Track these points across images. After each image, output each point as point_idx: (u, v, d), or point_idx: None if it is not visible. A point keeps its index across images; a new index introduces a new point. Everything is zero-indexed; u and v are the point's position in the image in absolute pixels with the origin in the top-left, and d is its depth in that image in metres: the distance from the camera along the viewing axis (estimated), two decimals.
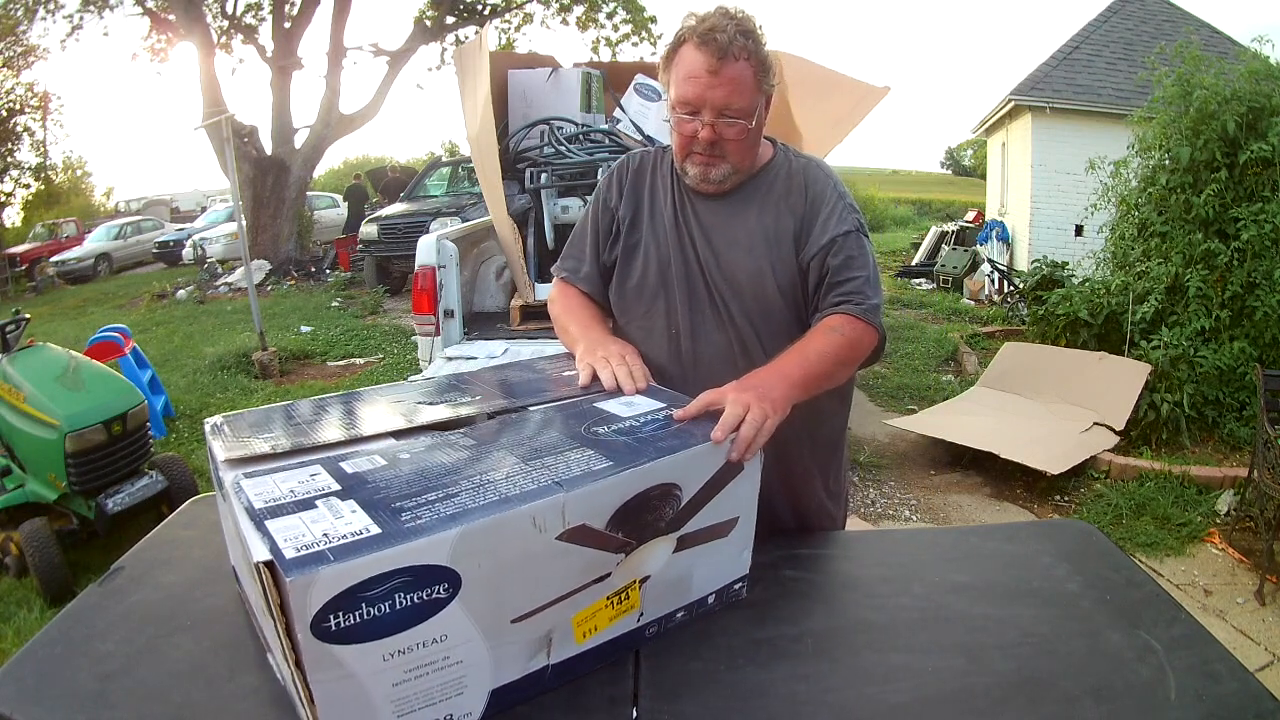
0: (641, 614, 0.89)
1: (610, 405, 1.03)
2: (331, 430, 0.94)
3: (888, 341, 1.34)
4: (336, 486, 0.78)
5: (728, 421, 0.95)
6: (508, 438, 0.92)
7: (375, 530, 0.69)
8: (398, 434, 0.93)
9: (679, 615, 0.95)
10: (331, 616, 0.65)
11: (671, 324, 1.35)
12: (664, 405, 1.04)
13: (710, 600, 0.98)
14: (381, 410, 1.02)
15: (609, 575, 0.84)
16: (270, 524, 0.70)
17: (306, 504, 0.74)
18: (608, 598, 0.84)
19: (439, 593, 0.70)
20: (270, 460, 0.85)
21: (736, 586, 1.01)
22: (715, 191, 1.34)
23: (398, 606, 0.68)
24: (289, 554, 0.65)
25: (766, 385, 1.06)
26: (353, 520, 0.71)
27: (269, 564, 0.65)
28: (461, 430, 0.94)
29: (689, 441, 0.90)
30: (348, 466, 0.83)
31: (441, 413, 0.99)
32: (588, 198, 3.71)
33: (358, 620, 0.66)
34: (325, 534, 0.68)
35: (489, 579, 0.73)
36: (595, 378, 1.15)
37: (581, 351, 1.22)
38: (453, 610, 0.71)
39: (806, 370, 1.15)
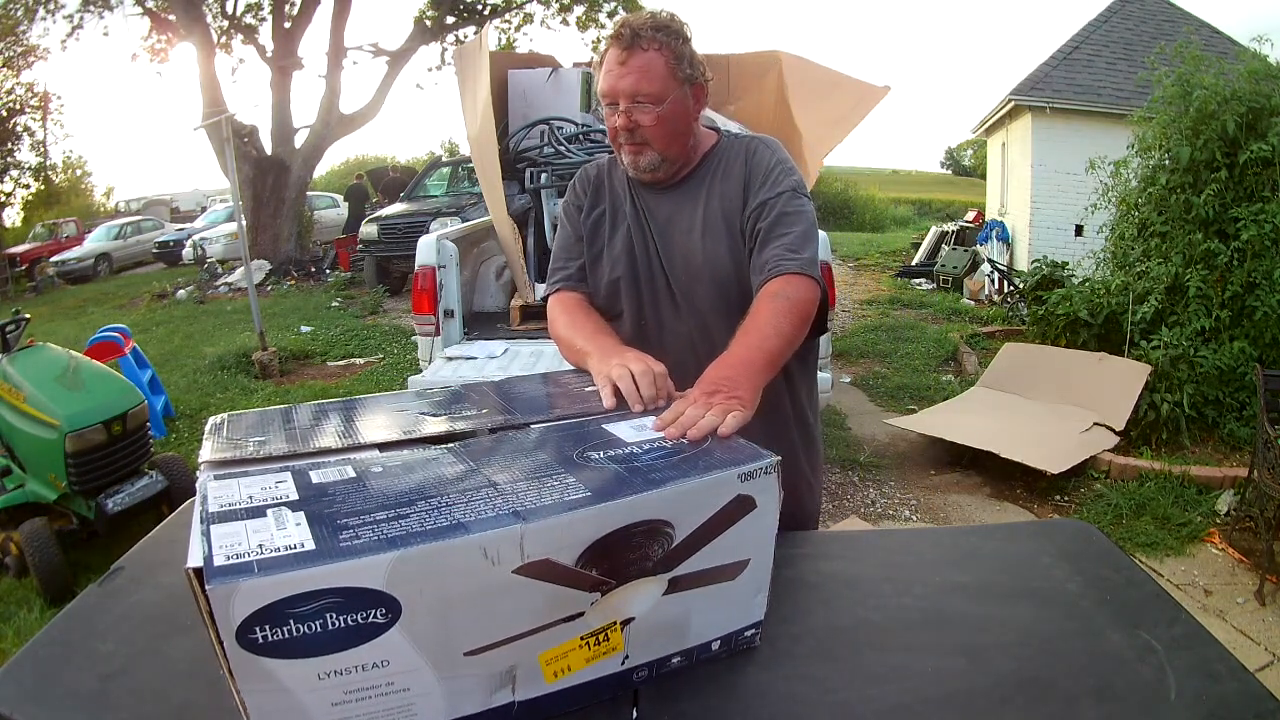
0: (627, 656, 0.82)
1: (619, 428, 0.95)
2: (324, 438, 0.92)
3: (829, 299, 1.38)
4: (294, 496, 0.75)
5: (684, 421, 0.92)
6: (495, 458, 0.86)
7: (309, 546, 0.66)
8: (385, 445, 0.90)
9: (674, 660, 0.86)
10: (258, 629, 0.62)
11: (640, 318, 1.40)
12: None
13: (715, 647, 0.89)
14: (380, 420, 1.00)
15: (582, 614, 0.77)
16: (214, 529, 0.68)
17: (257, 512, 0.72)
18: (582, 637, 0.78)
19: (376, 617, 0.66)
20: (245, 465, 0.84)
21: (748, 634, 0.91)
22: (650, 180, 1.38)
23: (330, 627, 0.64)
24: (218, 561, 0.63)
25: (732, 382, 1.02)
26: (293, 533, 0.68)
27: (197, 570, 0.63)
28: (452, 445, 0.90)
29: (687, 474, 0.81)
30: (316, 476, 0.80)
31: (440, 425, 0.96)
32: None
33: (286, 636, 0.63)
34: (260, 544, 0.66)
35: (434, 608, 0.68)
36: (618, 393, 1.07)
37: (596, 365, 1.15)
38: (393, 636, 0.67)
39: (766, 350, 1.12)
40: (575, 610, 0.76)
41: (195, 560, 0.64)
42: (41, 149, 19.01)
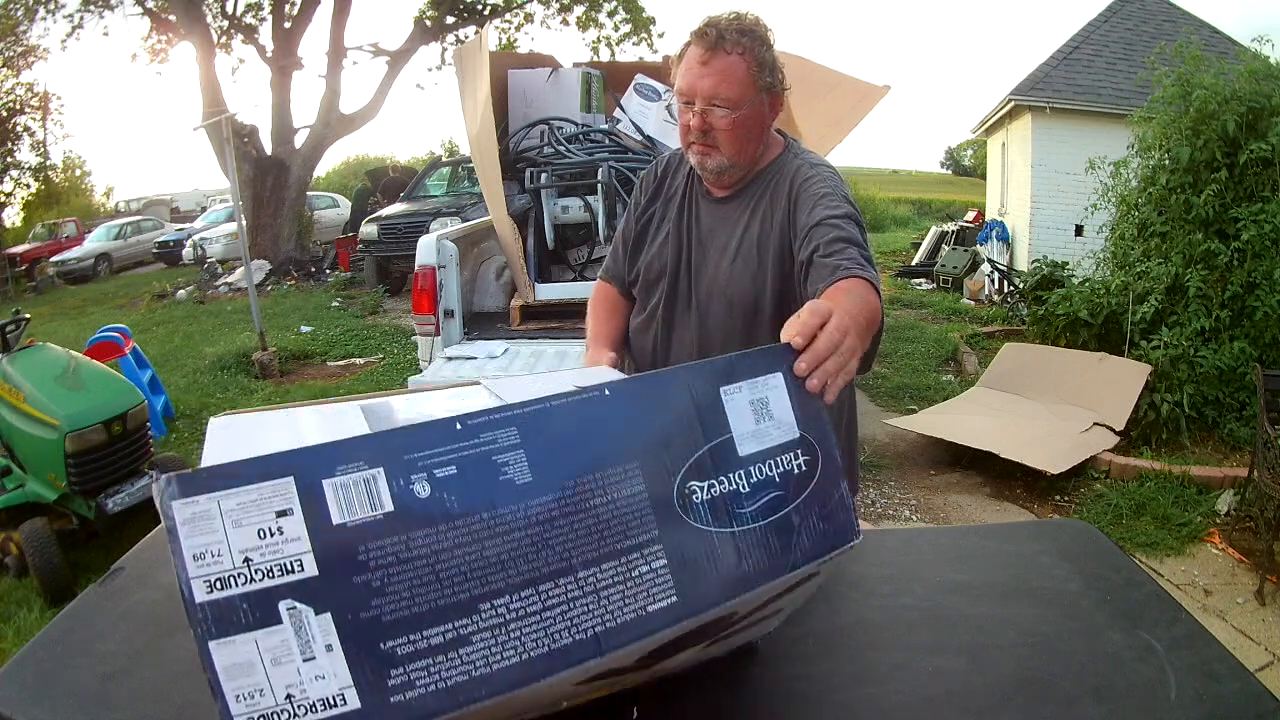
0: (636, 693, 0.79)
1: (739, 420, 0.69)
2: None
3: (883, 331, 1.22)
4: (312, 569, 0.54)
5: (826, 370, 0.72)
6: (575, 500, 0.62)
7: (352, 703, 0.52)
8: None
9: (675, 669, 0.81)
10: None
11: (653, 318, 1.44)
12: (795, 432, 0.71)
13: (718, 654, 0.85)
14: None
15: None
16: (216, 651, 0.52)
17: (265, 608, 0.53)
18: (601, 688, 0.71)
19: None
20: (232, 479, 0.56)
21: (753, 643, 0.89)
22: (717, 184, 1.39)
23: None
24: None
25: (851, 331, 0.78)
26: (325, 668, 0.53)
27: None
28: (510, 427, 0.62)
29: (780, 564, 0.66)
30: (334, 502, 0.56)
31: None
32: (588, 197, 3.72)
33: None
34: (288, 693, 0.52)
35: None
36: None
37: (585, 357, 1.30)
38: None
39: (861, 313, 1.00)
40: (610, 688, 0.71)
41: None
42: (41, 149, 18.99)
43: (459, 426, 0.61)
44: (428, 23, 13.23)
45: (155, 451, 3.52)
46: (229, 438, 0.93)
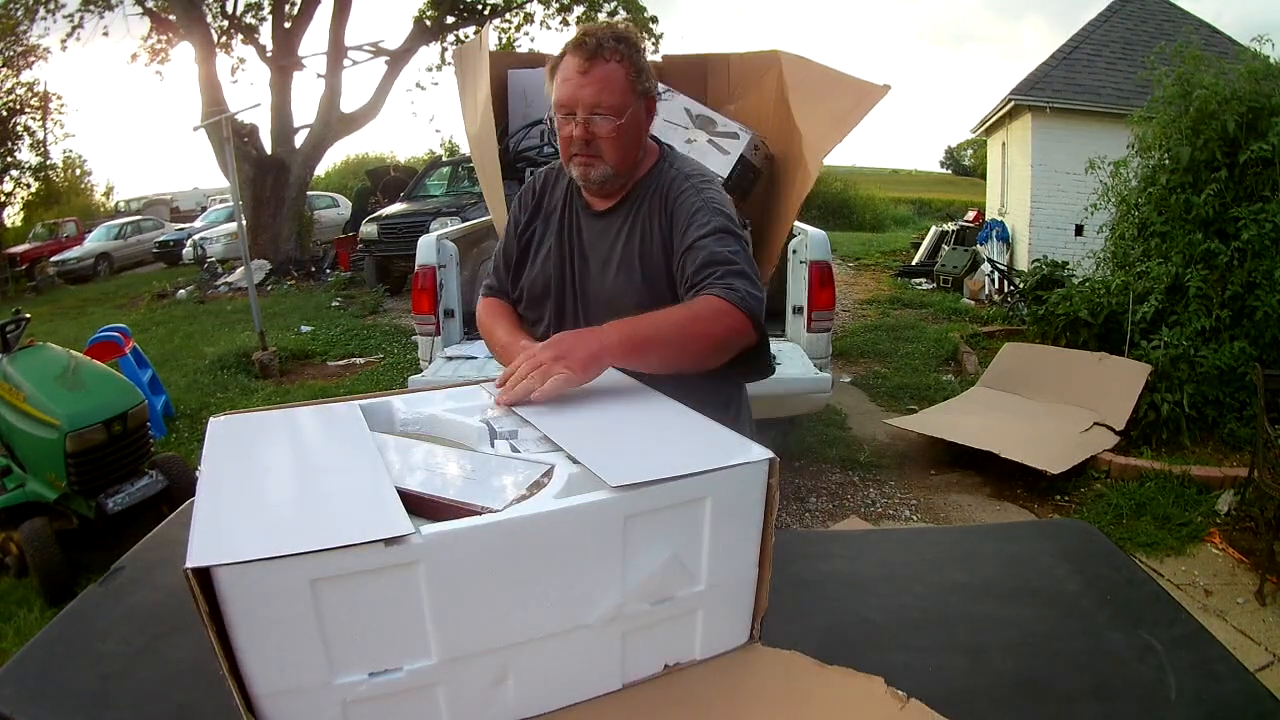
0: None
1: None
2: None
3: (770, 345, 1.27)
4: None
5: (504, 376, 1.02)
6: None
7: None
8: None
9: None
10: None
11: (547, 336, 1.34)
12: None
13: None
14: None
15: None
16: None
17: None
18: None
19: None
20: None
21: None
22: (600, 194, 1.38)
23: None
24: None
25: (571, 345, 1.02)
26: None
27: (197, 570, 0.60)
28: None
29: None
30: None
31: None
32: None
33: None
34: None
35: None
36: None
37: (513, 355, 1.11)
38: None
39: (636, 330, 1.08)
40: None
41: (194, 560, 0.64)
42: (41, 149, 19.00)
43: None
44: (428, 23, 13.22)
45: (155, 451, 3.52)
46: (229, 440, 0.93)
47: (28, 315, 3.56)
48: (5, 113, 17.03)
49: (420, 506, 0.78)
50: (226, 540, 0.67)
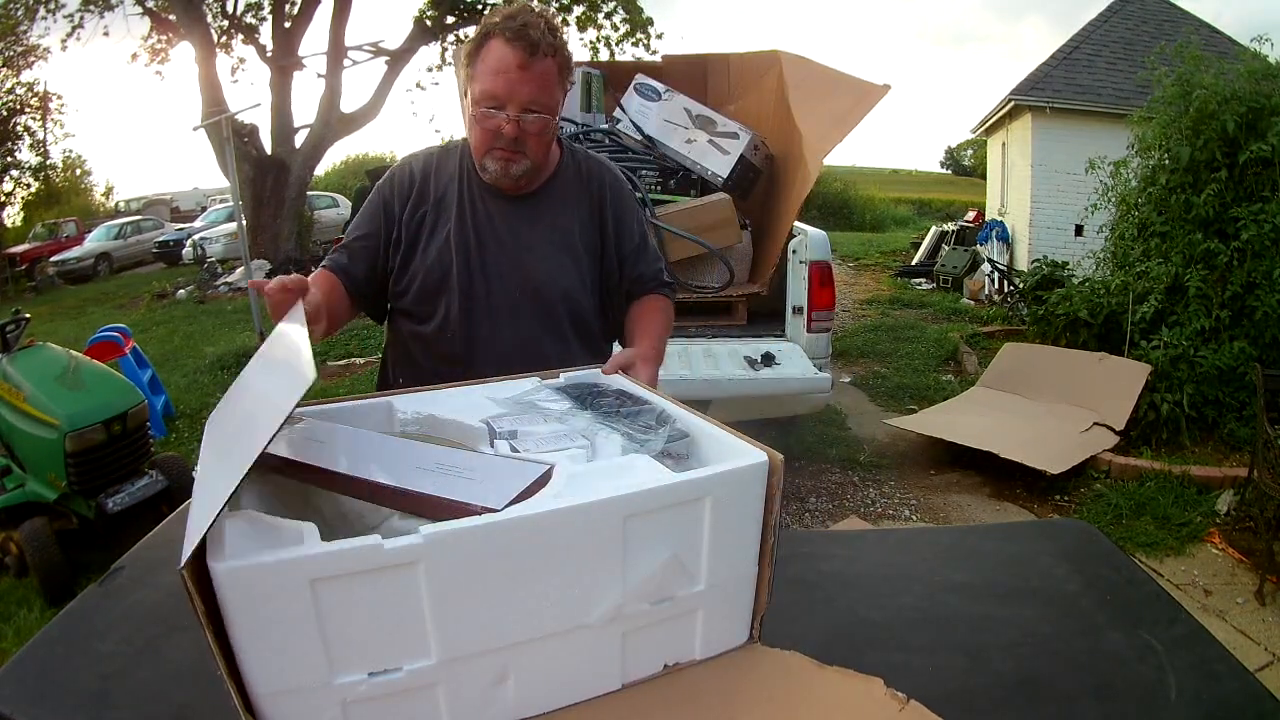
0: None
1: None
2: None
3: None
4: None
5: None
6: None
7: None
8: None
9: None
10: None
11: (447, 329, 1.34)
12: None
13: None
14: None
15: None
16: None
17: None
18: None
19: None
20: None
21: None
22: (513, 189, 1.34)
23: None
24: None
25: (637, 368, 1.19)
26: None
27: (192, 570, 0.60)
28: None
29: None
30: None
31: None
32: None
33: None
34: None
35: None
36: None
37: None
38: None
39: (659, 350, 1.32)
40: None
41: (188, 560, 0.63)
42: (41, 149, 19.03)
43: None
44: (428, 23, 13.21)
45: (155, 451, 3.52)
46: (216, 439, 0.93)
47: (28, 315, 3.56)
48: (5, 113, 17.04)
49: (420, 506, 0.78)
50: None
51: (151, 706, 0.84)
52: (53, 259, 15.89)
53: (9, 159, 18.17)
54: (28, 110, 17.64)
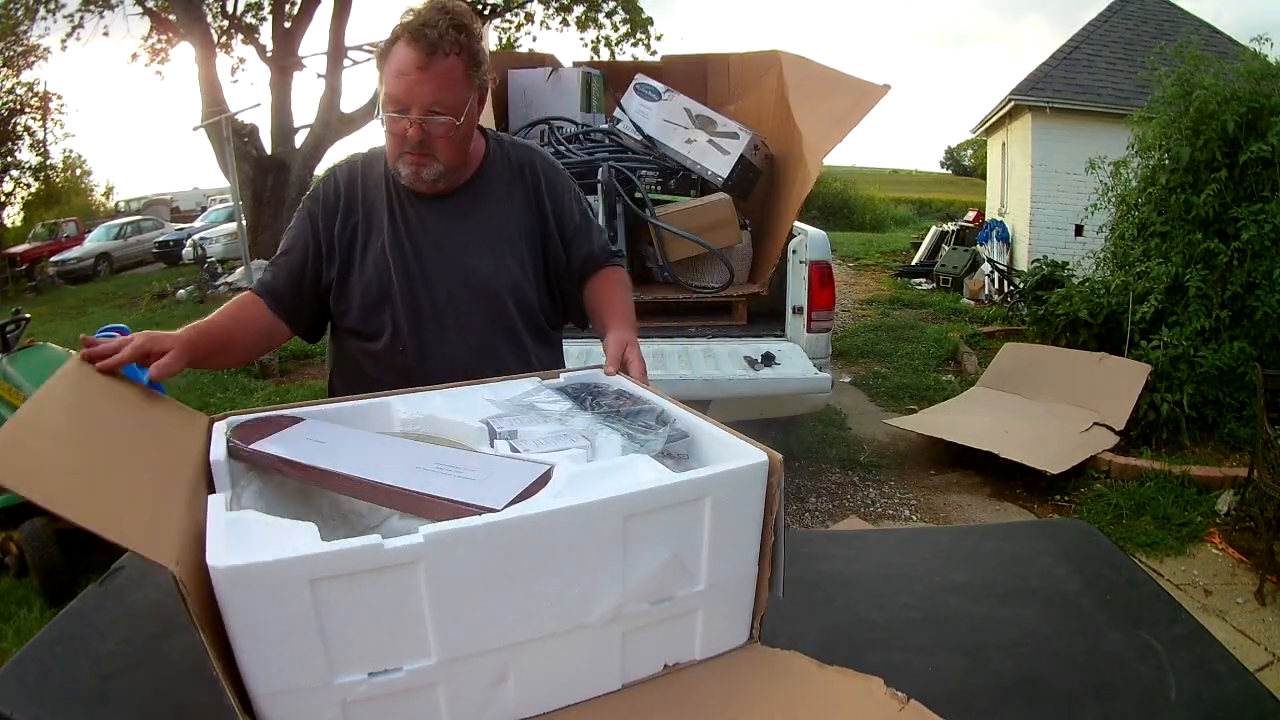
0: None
1: None
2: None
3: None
4: None
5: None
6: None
7: None
8: None
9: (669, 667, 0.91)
10: None
11: (399, 342, 1.29)
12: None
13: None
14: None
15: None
16: None
17: None
18: None
19: None
20: None
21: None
22: (430, 191, 1.29)
23: None
24: None
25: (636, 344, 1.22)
26: None
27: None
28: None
29: None
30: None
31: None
32: (589, 197, 3.71)
33: None
34: None
35: None
36: None
37: None
38: None
39: (633, 325, 1.31)
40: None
41: (180, 559, 0.63)
42: (41, 149, 19.03)
43: None
44: None
45: None
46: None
47: (28, 315, 3.56)
48: (5, 113, 17.04)
49: (420, 506, 0.78)
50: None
51: (151, 706, 0.84)
52: (53, 259, 15.89)
53: (9, 159, 18.18)
54: (28, 110, 17.65)
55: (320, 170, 15.93)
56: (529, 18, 14.14)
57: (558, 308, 1.43)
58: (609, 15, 13.78)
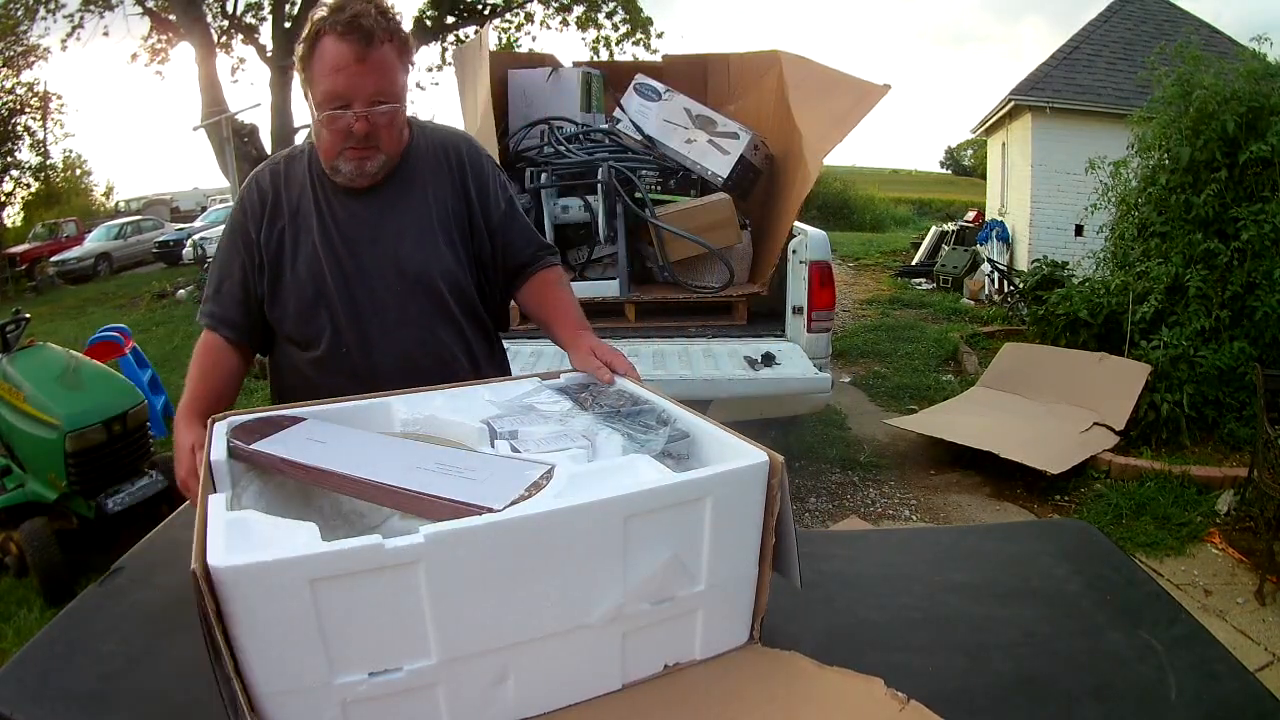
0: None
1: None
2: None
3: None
4: None
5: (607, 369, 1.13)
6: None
7: None
8: None
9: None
10: None
11: (340, 342, 1.27)
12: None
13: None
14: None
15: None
16: None
17: None
18: None
19: None
20: None
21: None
22: (369, 185, 1.26)
23: None
24: None
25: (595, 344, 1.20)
26: None
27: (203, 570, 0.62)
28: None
29: None
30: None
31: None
32: (588, 197, 3.72)
33: None
34: None
35: None
36: None
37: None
38: None
39: (586, 322, 1.30)
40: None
41: (202, 558, 0.63)
42: (41, 149, 19.03)
43: None
44: (428, 23, 13.22)
45: (155, 451, 3.52)
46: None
47: (28, 315, 3.56)
48: (5, 113, 17.04)
49: (420, 506, 0.78)
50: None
51: (151, 706, 0.84)
52: (53, 259, 15.89)
53: (9, 159, 18.18)
54: (28, 110, 17.65)
55: None
56: (529, 18, 14.15)
57: (489, 300, 1.40)
58: (609, 15, 13.78)
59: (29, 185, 19.90)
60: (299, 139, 12.39)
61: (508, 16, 14.02)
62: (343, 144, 1.20)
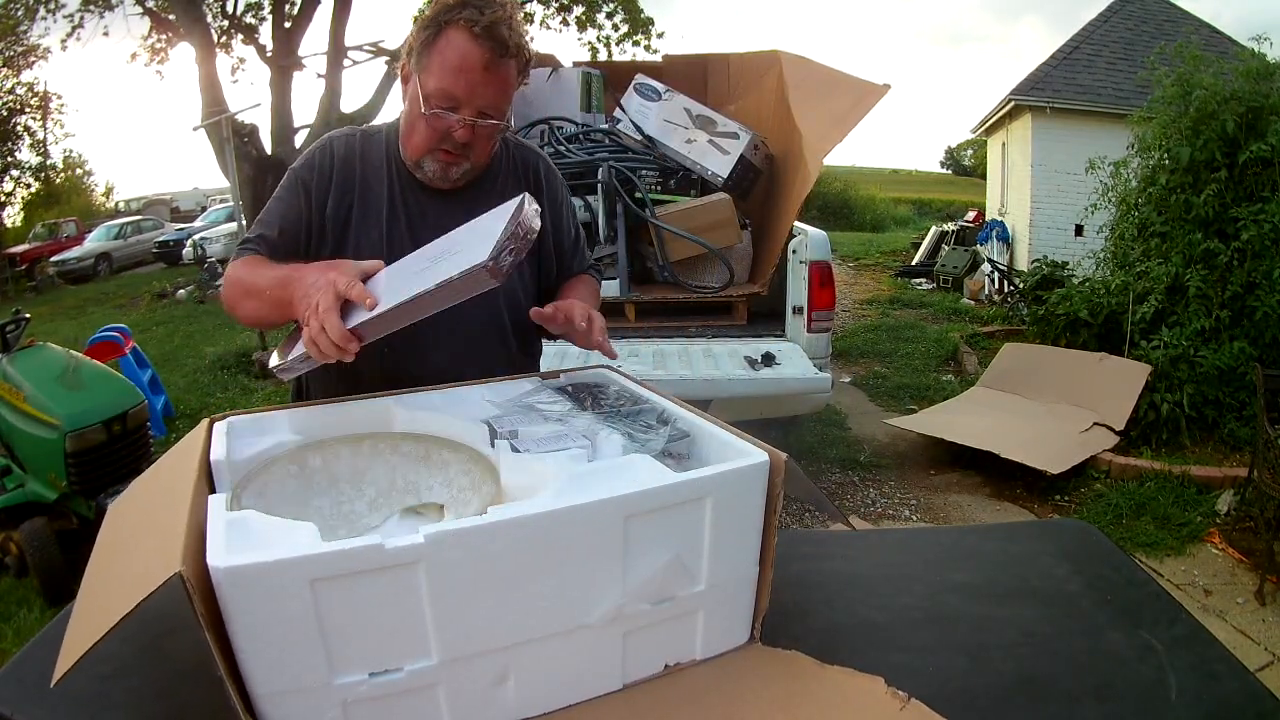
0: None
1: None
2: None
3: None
4: None
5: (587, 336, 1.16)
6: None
7: None
8: None
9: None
10: None
11: (385, 342, 1.16)
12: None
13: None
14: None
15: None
16: None
17: None
18: None
19: None
20: None
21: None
22: (450, 188, 1.24)
23: None
24: None
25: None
26: None
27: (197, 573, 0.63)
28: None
29: None
30: None
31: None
32: (588, 197, 3.72)
33: None
34: None
35: None
36: None
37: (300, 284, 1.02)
38: None
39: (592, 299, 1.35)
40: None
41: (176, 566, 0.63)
42: (42, 149, 19.02)
43: None
44: None
45: (155, 451, 3.52)
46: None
47: (28, 315, 3.56)
48: (5, 113, 17.03)
49: (427, 306, 0.92)
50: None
51: (151, 706, 0.84)
52: (53, 259, 15.90)
53: (9, 159, 18.17)
54: (28, 110, 17.63)
55: None
56: (529, 18, 14.11)
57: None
58: (609, 15, 13.77)
59: (29, 185, 19.91)
60: (299, 139, 12.41)
61: None
62: (437, 144, 1.17)
